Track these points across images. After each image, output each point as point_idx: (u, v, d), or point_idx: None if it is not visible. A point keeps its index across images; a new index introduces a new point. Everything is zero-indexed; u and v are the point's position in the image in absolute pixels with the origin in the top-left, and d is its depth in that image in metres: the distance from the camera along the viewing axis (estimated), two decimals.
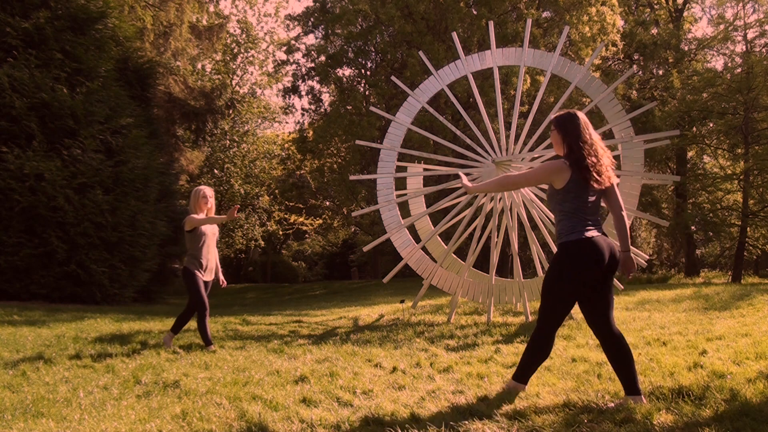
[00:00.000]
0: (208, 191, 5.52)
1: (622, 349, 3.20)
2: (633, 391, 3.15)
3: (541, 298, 3.35)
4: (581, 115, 3.36)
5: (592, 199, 3.28)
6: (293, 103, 64.57)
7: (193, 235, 5.41)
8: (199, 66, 28.92)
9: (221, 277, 5.75)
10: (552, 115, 3.51)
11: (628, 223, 3.40)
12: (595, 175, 3.22)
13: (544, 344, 3.33)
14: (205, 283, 5.49)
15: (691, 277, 20.01)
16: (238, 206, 5.28)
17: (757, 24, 20.02)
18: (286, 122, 64.72)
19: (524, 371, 3.42)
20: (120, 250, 11.72)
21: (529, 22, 8.60)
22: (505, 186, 3.73)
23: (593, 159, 3.23)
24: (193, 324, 7.70)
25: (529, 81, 17.87)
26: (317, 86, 26.43)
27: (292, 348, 5.41)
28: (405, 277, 20.42)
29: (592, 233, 3.22)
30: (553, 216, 3.64)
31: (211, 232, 5.51)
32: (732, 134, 18.29)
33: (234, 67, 30.93)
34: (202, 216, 5.41)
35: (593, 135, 3.32)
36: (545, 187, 8.15)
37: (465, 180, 3.74)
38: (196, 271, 5.38)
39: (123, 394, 3.54)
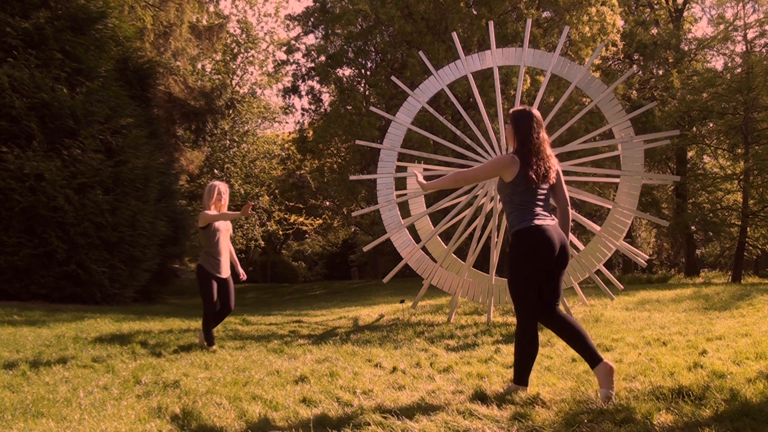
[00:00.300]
0: (222, 187, 5.46)
1: (573, 328, 3.29)
2: (596, 362, 3.20)
3: (510, 295, 3.44)
4: (536, 114, 3.50)
5: (541, 192, 3.42)
6: (293, 103, 64.57)
7: (206, 232, 5.37)
8: (199, 66, 28.90)
9: (240, 270, 5.74)
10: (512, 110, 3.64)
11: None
12: (533, 174, 3.35)
13: (528, 338, 3.38)
14: (222, 280, 5.43)
15: (691, 277, 20.02)
16: (252, 203, 5.28)
17: (757, 24, 20.03)
18: (286, 122, 64.86)
19: (520, 372, 3.44)
20: (120, 250, 11.72)
21: (529, 22, 8.60)
22: (458, 182, 3.82)
23: (537, 158, 3.38)
24: (193, 324, 7.72)
25: (529, 81, 17.87)
26: (317, 86, 26.47)
27: (292, 348, 5.41)
28: (405, 277, 20.42)
29: (542, 222, 3.34)
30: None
31: (225, 228, 5.47)
32: (732, 134, 18.29)
33: (234, 67, 30.92)
34: (215, 212, 5.36)
35: (542, 135, 3.46)
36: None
37: (420, 177, 3.85)
38: (210, 271, 5.35)
39: (123, 394, 3.54)
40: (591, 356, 3.23)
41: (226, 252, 5.49)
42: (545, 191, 3.45)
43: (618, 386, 3.47)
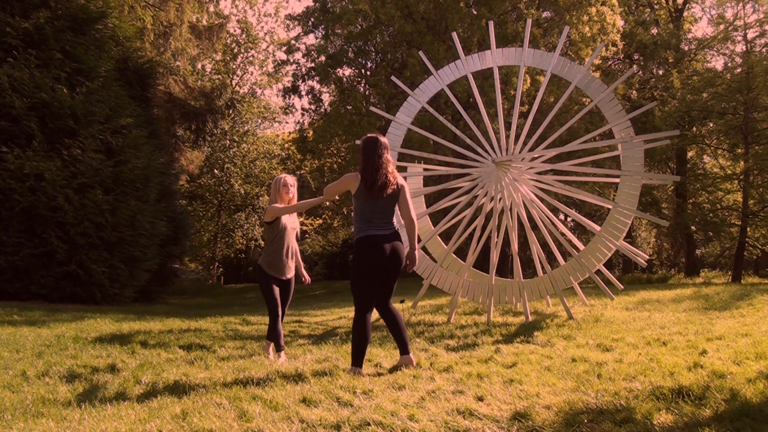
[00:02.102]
0: (290, 179, 5.03)
1: (395, 320, 4.20)
2: (404, 352, 4.21)
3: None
4: (381, 139, 4.19)
5: (379, 204, 4.10)
6: (293, 103, 64.42)
7: (271, 228, 4.95)
8: (199, 66, 28.93)
9: (303, 272, 5.23)
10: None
11: (417, 227, 4.29)
12: (366, 186, 4.05)
13: (359, 327, 4.05)
14: (283, 281, 5.03)
15: (691, 277, 19.99)
16: None
17: (757, 24, 19.99)
18: (286, 122, 64.64)
19: (356, 355, 4.07)
20: (120, 250, 11.71)
21: (529, 22, 8.60)
22: (326, 196, 4.44)
23: (374, 175, 4.06)
24: (194, 324, 7.71)
25: (529, 81, 17.86)
26: (317, 86, 26.42)
27: (292, 348, 5.40)
28: (405, 277, 20.41)
29: (376, 232, 4.06)
30: (552, 216, 3.82)
31: (291, 225, 5.04)
32: (732, 134, 18.28)
33: (234, 67, 30.93)
34: (282, 206, 4.93)
35: (385, 156, 4.14)
36: (546, 187, 8.17)
37: (319, 200, 4.63)
38: (270, 272, 4.95)
39: (123, 394, 3.54)
40: (403, 346, 4.21)
41: (291, 251, 5.03)
42: (385, 204, 4.12)
43: (618, 386, 3.47)
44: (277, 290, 4.96)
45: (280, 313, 4.95)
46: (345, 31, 21.70)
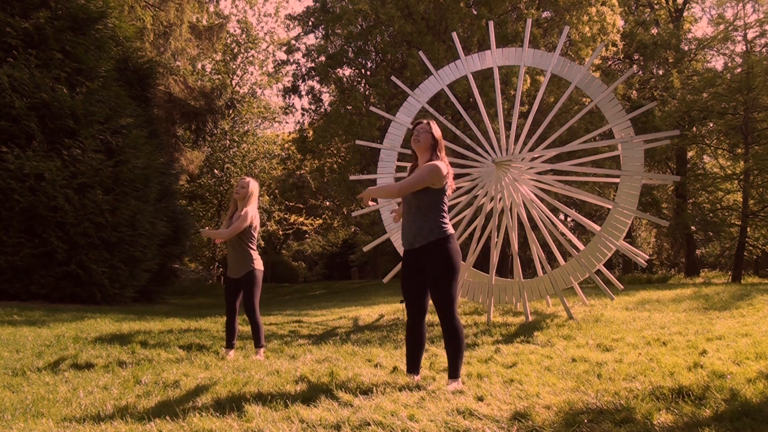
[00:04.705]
0: (242, 182, 5.07)
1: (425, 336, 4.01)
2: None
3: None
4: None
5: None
6: (293, 103, 64.39)
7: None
8: (199, 66, 28.92)
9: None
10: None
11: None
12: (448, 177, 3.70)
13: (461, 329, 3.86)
14: (232, 280, 5.12)
15: (691, 277, 20.00)
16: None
17: (757, 24, 19.99)
18: (286, 122, 64.68)
19: (461, 365, 3.78)
20: (120, 250, 11.72)
21: (529, 22, 8.60)
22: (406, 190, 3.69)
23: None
24: (194, 324, 7.72)
25: (529, 81, 17.86)
26: (317, 86, 26.43)
27: (292, 348, 5.41)
28: None
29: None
30: (552, 216, 3.74)
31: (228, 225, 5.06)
32: (732, 134, 18.28)
33: (234, 67, 30.93)
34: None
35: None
36: (546, 187, 8.16)
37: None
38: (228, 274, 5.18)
39: (123, 394, 3.54)
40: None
41: (232, 252, 5.10)
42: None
43: (618, 386, 3.47)
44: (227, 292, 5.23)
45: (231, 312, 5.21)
46: (345, 31, 21.70)
